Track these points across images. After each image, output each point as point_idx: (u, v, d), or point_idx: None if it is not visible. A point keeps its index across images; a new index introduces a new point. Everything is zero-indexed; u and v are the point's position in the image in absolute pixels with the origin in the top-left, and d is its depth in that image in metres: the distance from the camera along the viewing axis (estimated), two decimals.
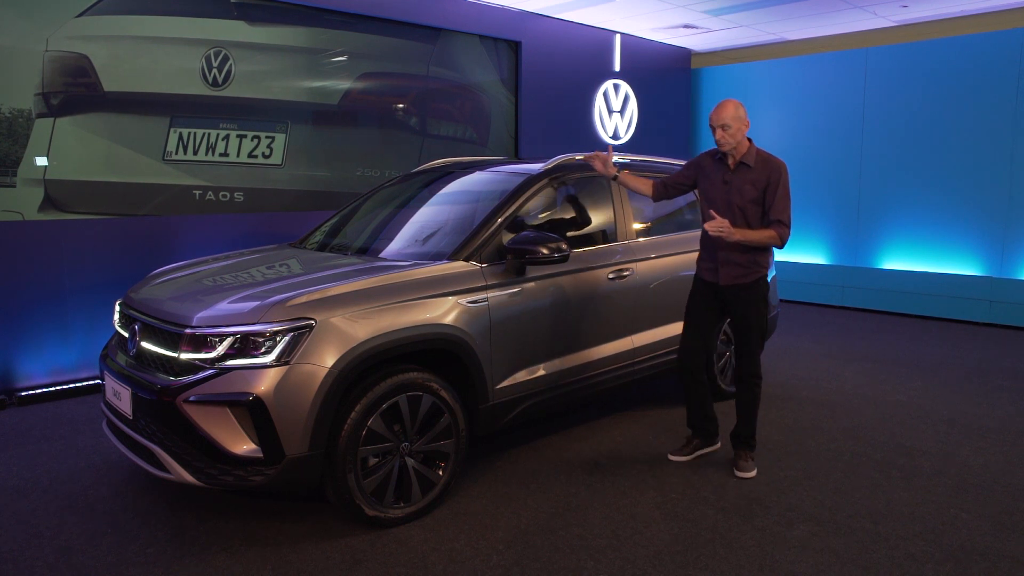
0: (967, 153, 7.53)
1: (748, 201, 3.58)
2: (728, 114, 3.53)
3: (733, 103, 3.56)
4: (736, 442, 3.83)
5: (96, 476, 3.69)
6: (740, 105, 3.57)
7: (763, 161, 3.60)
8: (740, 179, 3.60)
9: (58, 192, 4.93)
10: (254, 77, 5.74)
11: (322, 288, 3.07)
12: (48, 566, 2.86)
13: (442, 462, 3.30)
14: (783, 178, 3.56)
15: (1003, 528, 3.18)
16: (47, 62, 4.81)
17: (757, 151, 3.62)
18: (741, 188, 3.59)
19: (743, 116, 3.55)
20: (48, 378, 5.00)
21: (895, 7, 7.34)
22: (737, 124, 3.53)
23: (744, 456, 3.78)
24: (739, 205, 3.60)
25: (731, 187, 3.62)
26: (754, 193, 3.57)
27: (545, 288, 3.72)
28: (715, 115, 3.57)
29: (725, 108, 3.55)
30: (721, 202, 3.65)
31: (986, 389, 5.23)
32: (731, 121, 3.52)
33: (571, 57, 8.04)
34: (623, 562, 2.89)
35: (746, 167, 3.60)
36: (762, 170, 3.58)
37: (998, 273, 7.45)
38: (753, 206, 3.59)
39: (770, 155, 3.63)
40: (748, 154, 3.60)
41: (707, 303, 3.80)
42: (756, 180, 3.57)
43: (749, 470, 3.72)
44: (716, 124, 3.57)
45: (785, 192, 3.56)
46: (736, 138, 3.56)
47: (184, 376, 2.93)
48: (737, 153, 3.61)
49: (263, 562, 2.89)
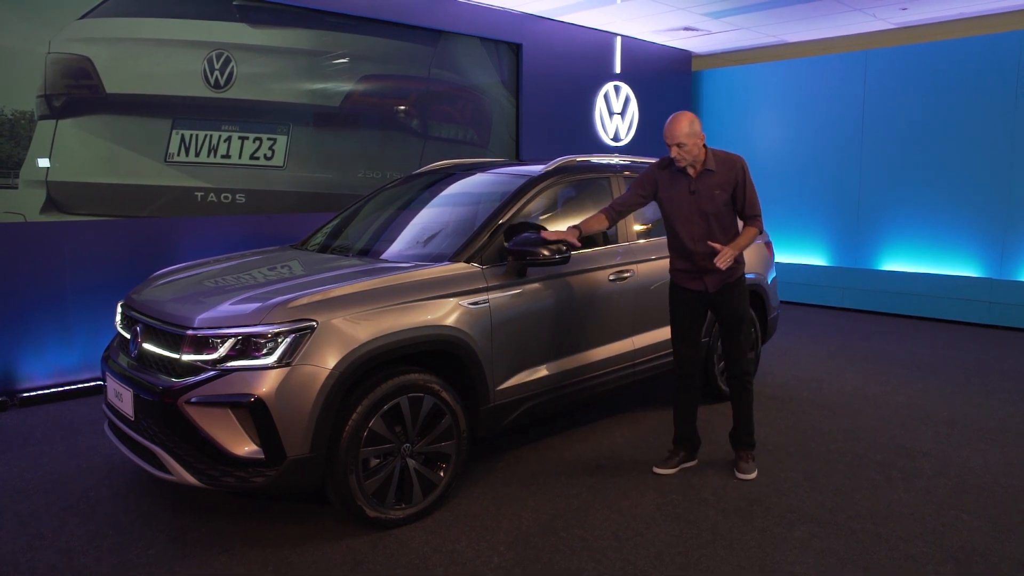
0: (966, 155, 7.54)
1: (721, 205, 3.54)
2: (682, 131, 3.42)
3: (687, 119, 3.45)
4: (735, 443, 3.83)
5: (98, 477, 3.69)
6: (695, 119, 3.48)
7: (723, 162, 3.55)
8: (707, 185, 3.54)
9: (60, 194, 4.94)
10: (256, 79, 5.75)
11: (324, 290, 3.08)
12: (49, 567, 2.87)
13: (443, 463, 3.31)
14: (747, 173, 3.55)
15: (1003, 529, 3.18)
16: (49, 64, 4.82)
17: (714, 153, 3.57)
18: (711, 195, 3.53)
19: (698, 131, 3.46)
20: (50, 379, 5.00)
21: (895, 9, 7.35)
22: (692, 140, 3.44)
23: (745, 457, 3.78)
24: (711, 212, 3.54)
25: (699, 195, 3.55)
26: (724, 196, 3.55)
27: (546, 289, 3.73)
28: (669, 133, 3.45)
29: (679, 126, 3.43)
30: (689, 212, 3.57)
31: (986, 390, 5.24)
32: (685, 139, 3.43)
33: (572, 59, 8.05)
34: (624, 563, 2.90)
35: (709, 172, 3.54)
36: (726, 171, 3.54)
37: (997, 275, 7.46)
38: (725, 209, 3.57)
39: (727, 153, 3.60)
40: (708, 160, 3.54)
41: (693, 311, 3.74)
42: (723, 183, 3.54)
43: (750, 472, 3.73)
44: (671, 143, 3.46)
45: (752, 185, 3.57)
46: (693, 153, 3.48)
47: (186, 377, 2.93)
48: (697, 162, 3.54)
49: (264, 563, 2.89)
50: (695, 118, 3.49)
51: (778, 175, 9.04)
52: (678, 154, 3.48)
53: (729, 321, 3.70)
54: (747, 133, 9.34)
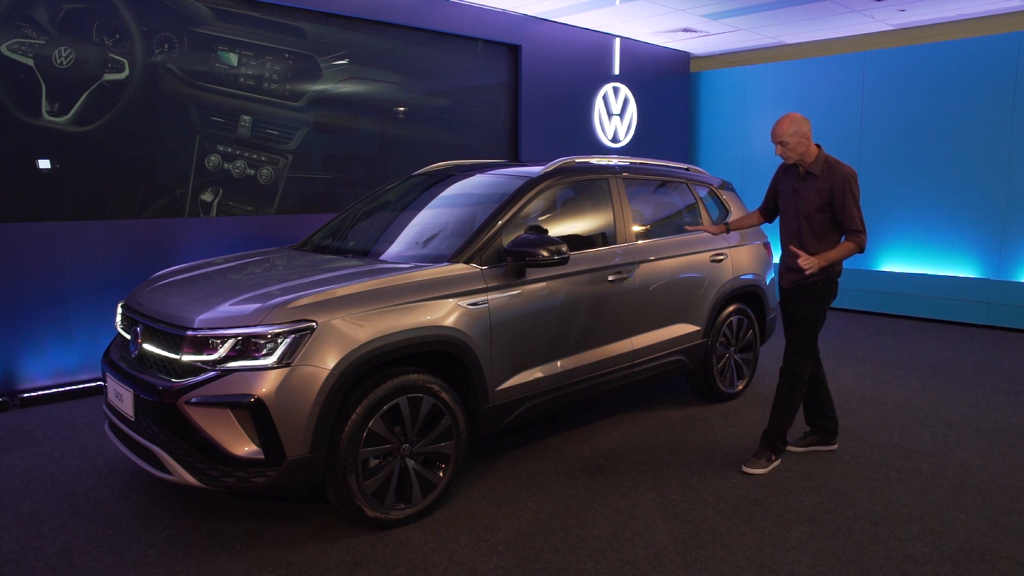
0: (965, 156, 7.56)
1: (813, 209, 3.68)
2: (784, 131, 3.63)
3: (790, 119, 3.63)
4: (762, 439, 3.88)
5: (98, 478, 3.70)
6: (800, 120, 3.63)
7: (827, 168, 3.67)
8: (807, 187, 3.71)
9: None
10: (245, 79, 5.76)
11: (323, 290, 3.09)
12: (50, 567, 2.87)
13: (443, 463, 3.32)
14: (847, 187, 3.60)
15: (1001, 529, 3.19)
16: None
17: (826, 159, 3.69)
18: (807, 196, 3.69)
19: (803, 130, 3.62)
20: (50, 380, 5.01)
21: (893, 11, 7.37)
22: (796, 139, 3.61)
23: (761, 454, 3.82)
24: (804, 213, 3.71)
25: (799, 195, 3.74)
26: (818, 202, 3.66)
27: (545, 290, 3.74)
28: (774, 131, 3.68)
29: (781, 125, 3.64)
30: (790, 209, 3.80)
31: (984, 391, 5.25)
32: (788, 138, 3.62)
33: (571, 61, 8.07)
34: (623, 563, 2.91)
35: (812, 176, 3.69)
36: (826, 178, 3.65)
37: (996, 275, 7.47)
38: (818, 214, 3.68)
39: (837, 163, 3.68)
40: (815, 163, 3.68)
41: (786, 308, 3.94)
42: (820, 189, 3.66)
43: (756, 468, 3.75)
44: (775, 140, 3.68)
45: (852, 200, 3.61)
46: (797, 151, 3.65)
47: (186, 378, 2.94)
48: (804, 162, 3.70)
49: (264, 563, 2.90)
50: (801, 119, 3.64)
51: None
52: (781, 152, 3.68)
53: (792, 318, 3.85)
54: (746, 134, 9.36)
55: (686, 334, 4.57)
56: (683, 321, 4.56)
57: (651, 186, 4.72)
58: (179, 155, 5.45)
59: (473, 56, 7.25)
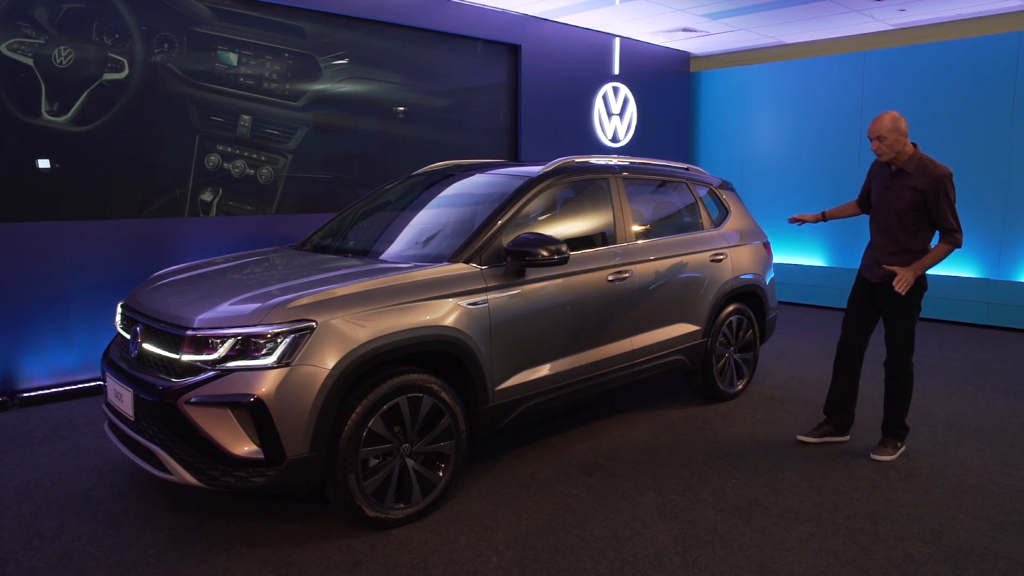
0: (964, 156, 7.55)
1: (905, 207, 3.71)
2: (883, 126, 3.66)
3: (891, 116, 3.66)
4: (883, 430, 4.03)
5: (98, 477, 3.70)
6: (899, 118, 3.66)
7: (922, 168, 3.69)
8: (899, 185, 3.73)
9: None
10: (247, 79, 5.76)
11: (323, 290, 3.09)
12: (50, 567, 2.87)
13: (442, 463, 3.32)
14: (941, 187, 3.63)
15: (1001, 529, 3.19)
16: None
17: (920, 157, 3.71)
18: (899, 194, 3.72)
19: (901, 127, 3.65)
20: (50, 379, 5.01)
21: (893, 11, 7.37)
22: (893, 136, 3.65)
23: (886, 442, 3.98)
24: (896, 211, 3.74)
25: (891, 192, 3.77)
26: (911, 200, 3.69)
27: (545, 290, 3.74)
28: (872, 127, 3.71)
29: (881, 120, 3.68)
30: (882, 206, 3.83)
31: (984, 391, 5.25)
32: (886, 133, 3.65)
33: (571, 60, 8.07)
34: (623, 563, 2.91)
35: (905, 174, 3.72)
36: (920, 177, 3.67)
37: (996, 275, 7.47)
38: (910, 212, 3.71)
39: (931, 161, 3.70)
40: (909, 160, 3.70)
41: (861, 298, 4.00)
42: (913, 187, 3.68)
43: (884, 454, 3.94)
44: (872, 136, 3.70)
45: (946, 202, 3.65)
46: (894, 148, 3.68)
47: (185, 377, 2.94)
48: (898, 160, 3.72)
49: (264, 563, 2.90)
50: (900, 116, 3.68)
51: (776, 176, 9.06)
52: (877, 148, 3.72)
53: (887, 322, 3.90)
54: (745, 134, 9.36)
55: (686, 334, 4.57)
56: (683, 321, 4.56)
57: (651, 186, 4.72)
58: (179, 155, 5.45)
59: (473, 56, 7.26)
